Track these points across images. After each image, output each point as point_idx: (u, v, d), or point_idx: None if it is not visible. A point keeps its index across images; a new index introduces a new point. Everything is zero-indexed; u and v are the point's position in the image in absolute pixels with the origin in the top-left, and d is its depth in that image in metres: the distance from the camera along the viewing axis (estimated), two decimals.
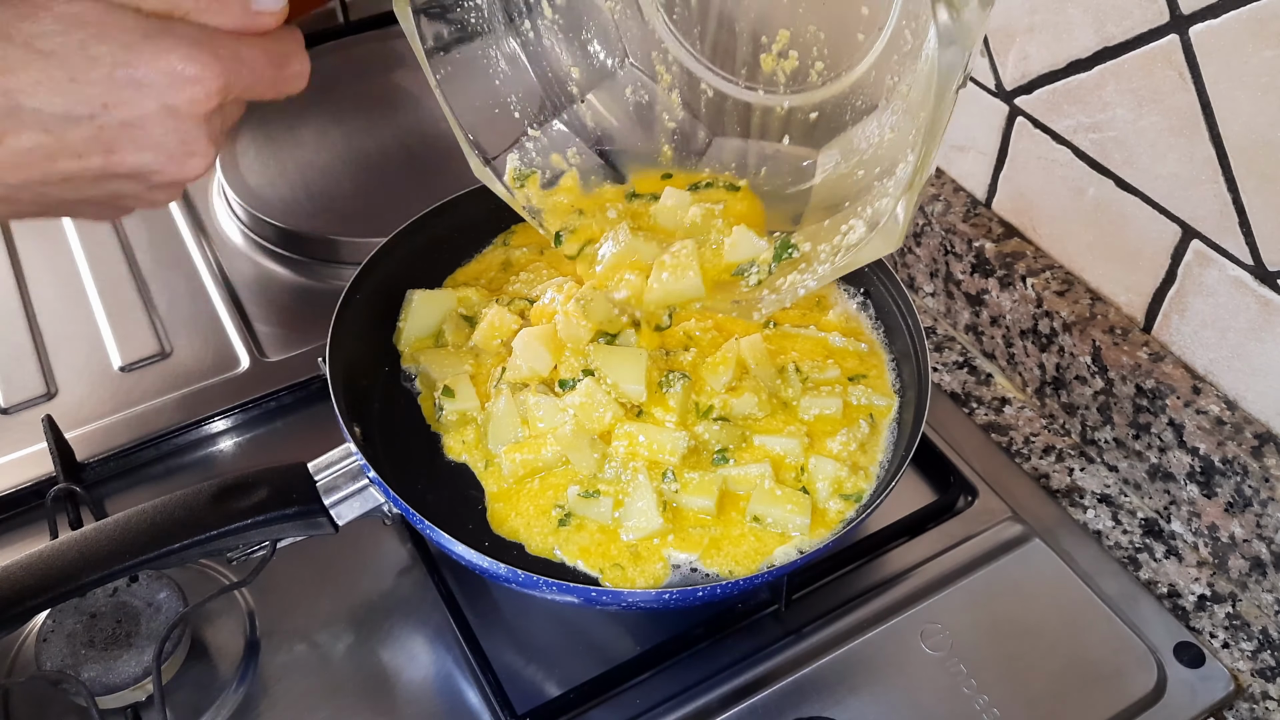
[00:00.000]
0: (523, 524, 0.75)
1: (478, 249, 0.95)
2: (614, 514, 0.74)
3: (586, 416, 0.76)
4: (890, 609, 0.78)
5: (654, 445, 0.76)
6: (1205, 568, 0.84)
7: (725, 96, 0.83)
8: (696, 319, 0.86)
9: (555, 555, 0.74)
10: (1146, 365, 0.84)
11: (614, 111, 0.87)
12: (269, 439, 0.92)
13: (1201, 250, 0.80)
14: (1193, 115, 0.77)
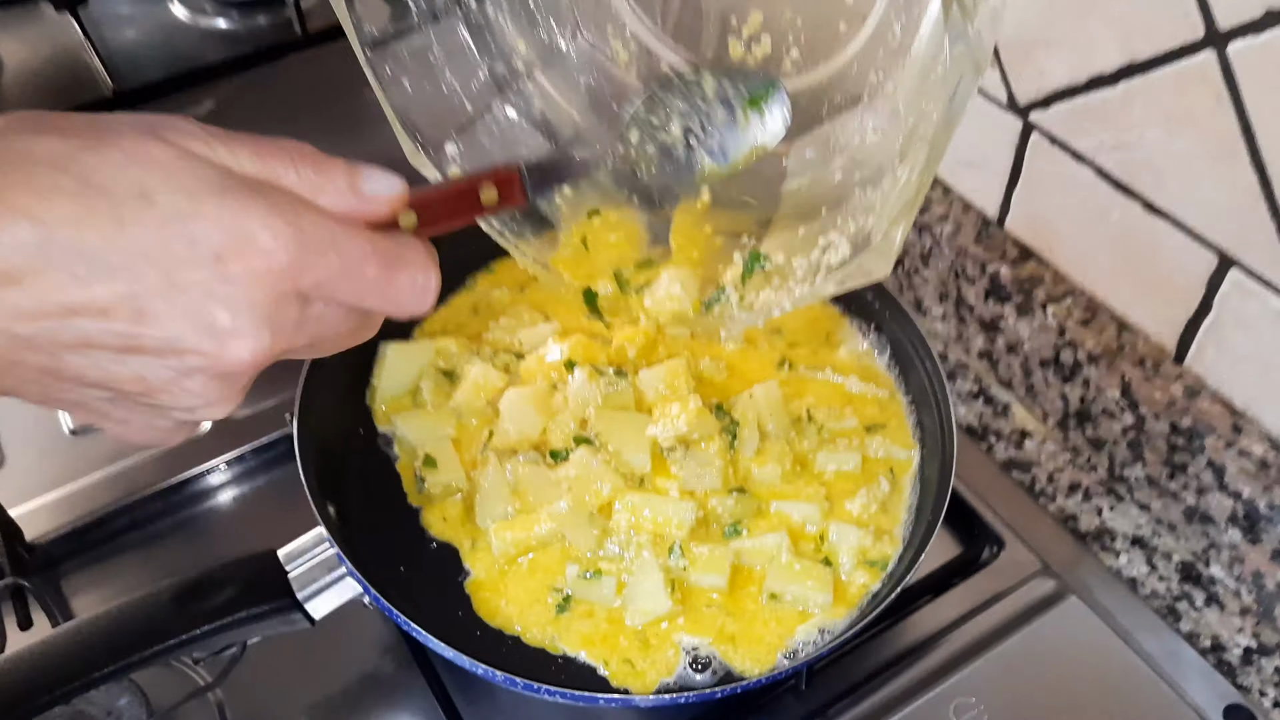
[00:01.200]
0: (516, 612, 0.69)
1: (456, 289, 0.88)
2: (618, 597, 0.68)
3: (584, 489, 0.70)
4: (920, 683, 0.72)
5: (659, 518, 0.69)
6: (1249, 616, 0.78)
7: None
8: (711, 357, 0.80)
9: (555, 646, 0.68)
10: (1182, 402, 0.78)
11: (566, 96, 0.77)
12: (237, 508, 0.85)
13: (1241, 280, 0.74)
14: (1232, 138, 0.70)
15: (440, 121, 0.68)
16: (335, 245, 0.44)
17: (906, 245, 0.97)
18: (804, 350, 0.83)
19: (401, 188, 0.48)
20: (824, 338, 0.84)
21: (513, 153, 0.70)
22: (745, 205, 0.69)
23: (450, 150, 0.67)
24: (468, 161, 0.69)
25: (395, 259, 0.46)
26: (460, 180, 0.53)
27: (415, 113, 0.67)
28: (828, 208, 0.64)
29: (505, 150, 0.70)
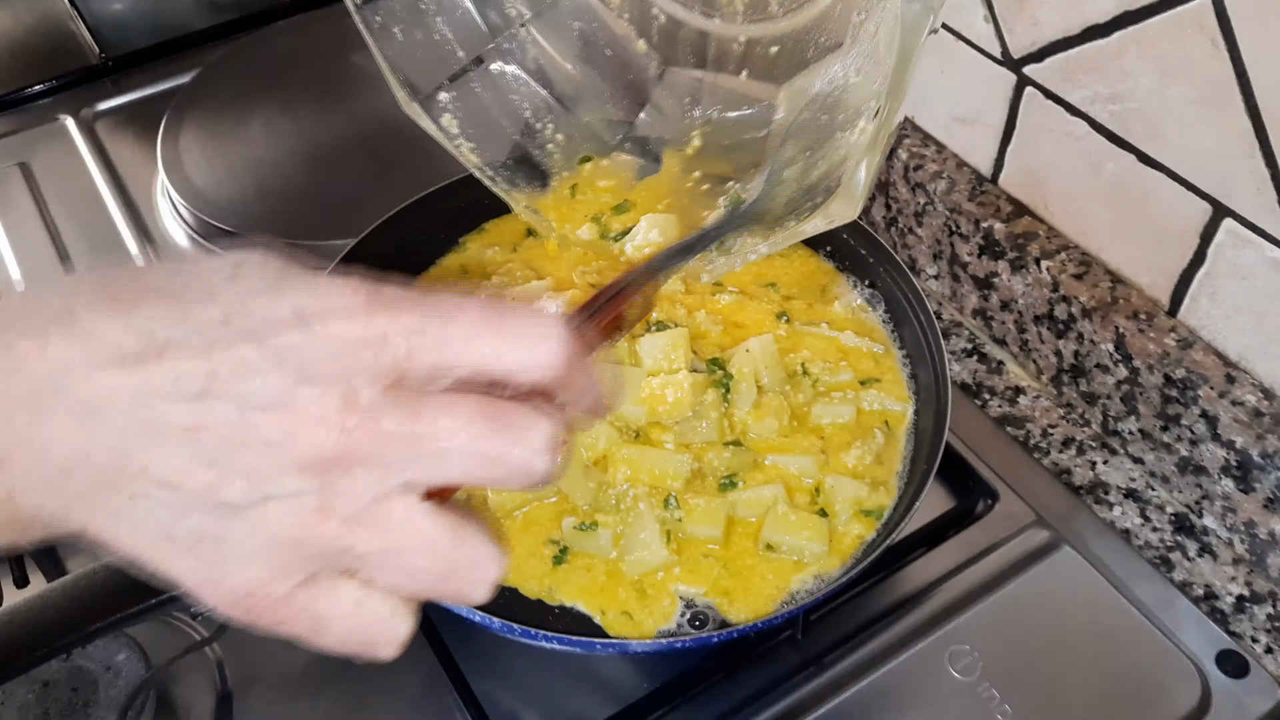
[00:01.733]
0: (513, 564, 0.69)
1: (448, 251, 0.87)
2: (614, 548, 0.68)
3: (579, 443, 0.70)
4: (914, 632, 0.73)
5: (655, 470, 0.69)
6: (1242, 565, 0.79)
7: (679, 24, 0.73)
8: (706, 311, 0.80)
9: (553, 596, 0.68)
10: (1175, 353, 0.78)
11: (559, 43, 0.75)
12: None
13: (1235, 229, 0.74)
14: (1226, 84, 0.70)
15: (433, 70, 0.68)
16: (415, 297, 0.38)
17: (900, 204, 0.97)
18: (800, 304, 0.83)
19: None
20: (819, 292, 0.84)
21: (507, 102, 0.70)
22: (734, 150, 0.68)
23: (444, 98, 0.67)
24: (461, 113, 0.68)
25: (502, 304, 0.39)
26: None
27: (407, 62, 0.66)
28: (811, 151, 0.64)
29: (499, 100, 0.70)
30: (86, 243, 1.02)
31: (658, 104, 0.74)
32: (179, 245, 1.02)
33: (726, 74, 0.73)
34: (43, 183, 1.08)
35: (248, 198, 1.01)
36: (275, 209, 1.00)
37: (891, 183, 0.97)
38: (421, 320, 0.37)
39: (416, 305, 0.38)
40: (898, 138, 0.96)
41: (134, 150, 1.11)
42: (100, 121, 1.14)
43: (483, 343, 0.38)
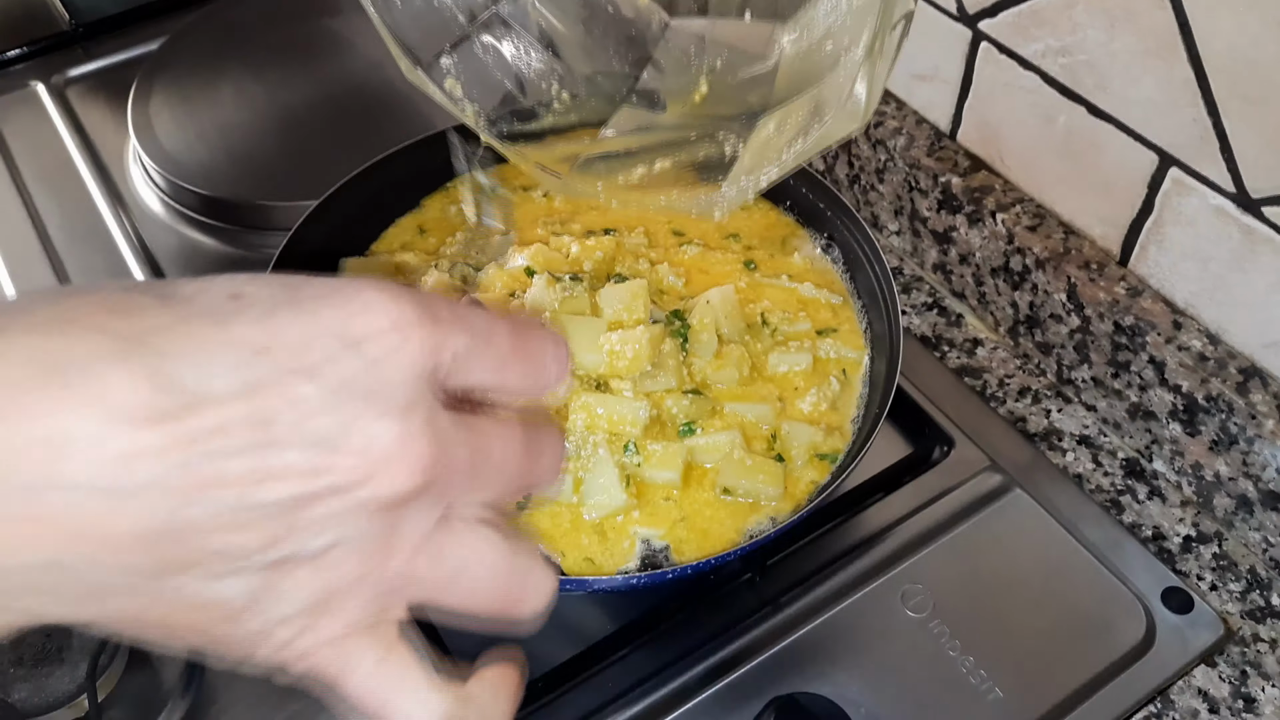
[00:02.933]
0: None
1: (414, 207, 0.89)
2: (575, 494, 0.70)
3: None
4: (869, 572, 0.75)
5: (614, 417, 0.71)
6: (1189, 507, 0.81)
7: None
8: (670, 264, 0.81)
9: None
10: (1125, 301, 0.80)
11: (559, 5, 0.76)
12: None
13: (1180, 178, 0.76)
14: (1170, 35, 0.72)
15: (434, 37, 0.68)
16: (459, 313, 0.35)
17: (862, 162, 0.99)
18: (761, 254, 0.84)
19: None
20: (780, 243, 0.85)
21: (509, 64, 0.70)
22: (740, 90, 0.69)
23: (446, 63, 0.67)
24: (464, 76, 0.69)
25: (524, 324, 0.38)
26: None
27: (408, 30, 0.67)
28: (817, 81, 0.65)
29: (501, 62, 0.70)
30: (59, 209, 1.03)
31: (661, 59, 0.75)
32: (152, 210, 1.03)
33: (729, 19, 0.74)
34: (14, 149, 1.09)
35: (218, 161, 1.02)
36: (246, 171, 1.01)
37: (854, 141, 0.99)
38: (468, 343, 0.35)
39: (464, 325, 0.35)
40: None
41: (105, 116, 1.12)
42: (71, 88, 1.15)
43: (513, 368, 0.37)
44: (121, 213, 1.03)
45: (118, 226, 1.01)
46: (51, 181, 1.06)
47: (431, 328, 0.33)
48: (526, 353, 0.37)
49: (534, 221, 0.86)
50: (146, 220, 1.02)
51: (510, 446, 0.37)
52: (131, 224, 1.02)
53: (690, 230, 0.86)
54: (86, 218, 1.03)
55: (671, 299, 0.80)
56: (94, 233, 1.01)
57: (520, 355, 0.37)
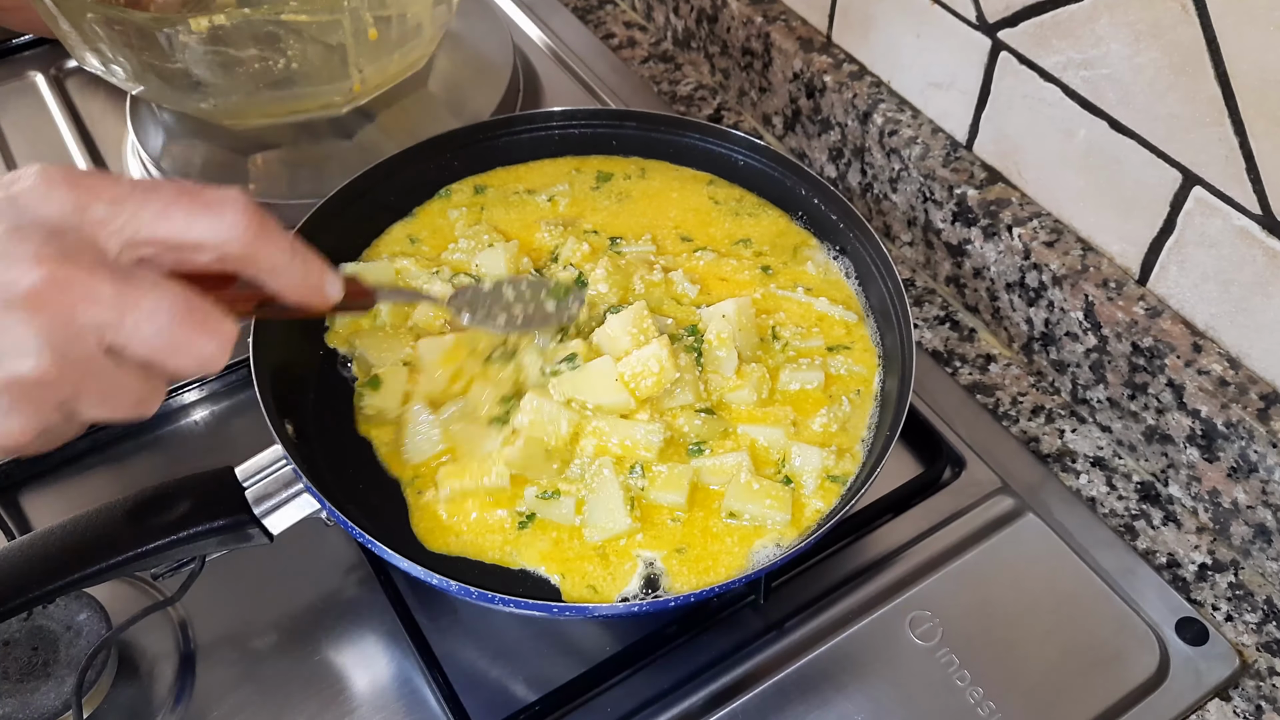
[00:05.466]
0: (470, 541, 0.68)
1: (407, 215, 0.86)
2: (577, 515, 0.68)
3: (541, 432, 0.69)
4: (876, 597, 0.73)
5: (626, 442, 0.69)
6: (1205, 534, 0.79)
7: None
8: (685, 270, 0.79)
9: (514, 561, 0.68)
10: (1143, 322, 0.78)
11: None
12: (199, 429, 0.85)
13: (1204, 198, 0.74)
14: (1197, 51, 0.70)
15: None
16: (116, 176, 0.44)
17: (875, 170, 0.97)
18: (773, 260, 0.82)
19: None
20: (791, 251, 0.83)
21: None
22: None
23: None
24: None
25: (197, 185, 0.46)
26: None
27: None
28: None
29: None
30: None
31: None
32: None
33: None
34: (12, 140, 1.07)
35: (218, 157, 1.00)
36: (245, 168, 0.99)
37: (867, 148, 0.96)
38: (125, 191, 0.42)
39: (118, 181, 0.42)
40: (873, 103, 0.95)
41: (104, 109, 1.09)
42: (71, 79, 1.13)
43: (176, 212, 0.43)
44: None
45: None
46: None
47: (79, 178, 0.41)
48: (193, 196, 0.43)
49: (534, 224, 0.84)
50: None
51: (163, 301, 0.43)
52: None
53: (698, 236, 0.84)
54: None
55: (685, 310, 0.78)
56: None
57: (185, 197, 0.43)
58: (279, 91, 0.90)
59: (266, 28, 0.85)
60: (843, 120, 0.98)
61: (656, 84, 1.15)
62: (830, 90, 0.98)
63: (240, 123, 0.97)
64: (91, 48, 0.86)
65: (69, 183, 0.41)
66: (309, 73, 0.89)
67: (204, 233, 0.44)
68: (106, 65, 0.88)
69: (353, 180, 0.82)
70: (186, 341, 0.44)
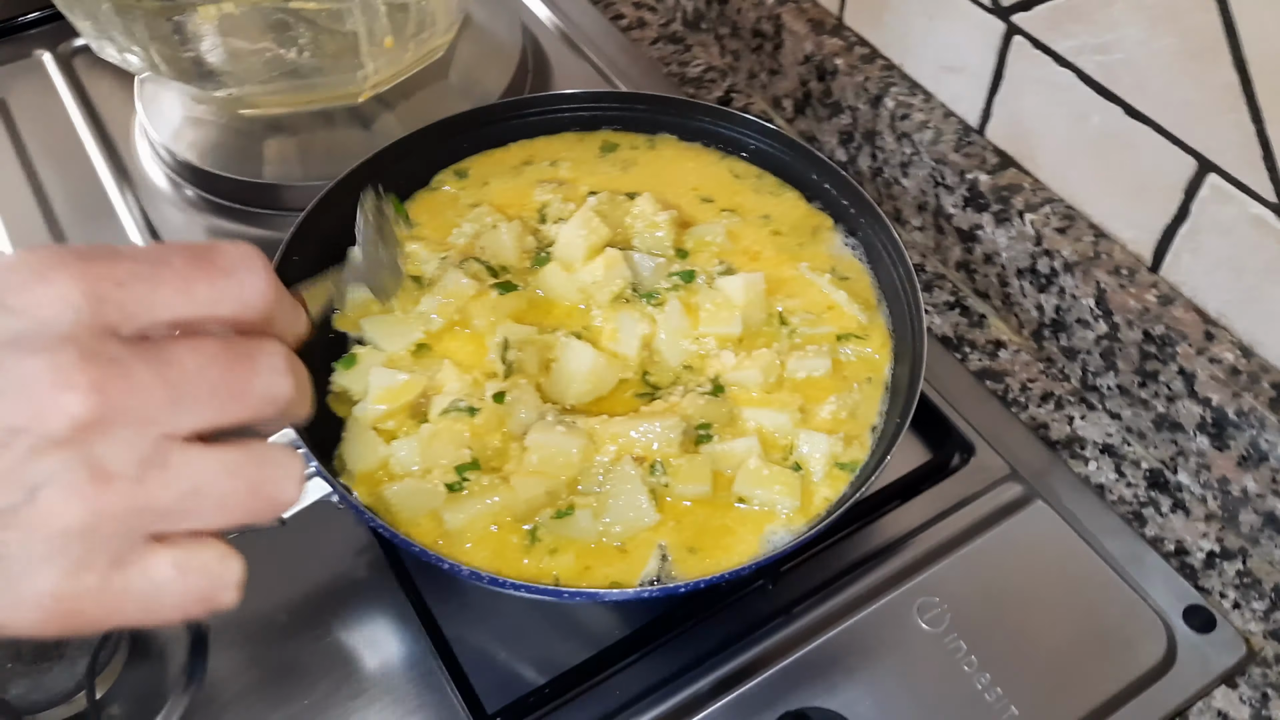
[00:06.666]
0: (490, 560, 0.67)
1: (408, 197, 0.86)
2: (597, 522, 0.67)
3: (551, 467, 0.68)
4: (884, 583, 0.73)
5: (647, 439, 0.68)
6: (1214, 522, 0.79)
7: None
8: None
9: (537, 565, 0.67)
10: (1155, 309, 0.78)
11: None
12: None
13: (1219, 185, 0.73)
14: (1214, 36, 0.69)
15: None
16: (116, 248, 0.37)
17: (886, 154, 0.96)
18: (790, 240, 0.82)
19: None
20: (810, 232, 0.83)
21: None
22: None
23: None
24: None
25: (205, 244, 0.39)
26: None
27: None
28: None
29: None
30: (63, 182, 1.01)
31: None
32: (158, 186, 1.01)
33: None
34: (19, 120, 1.07)
35: (227, 138, 1.00)
36: (258, 152, 0.99)
37: (878, 132, 0.96)
38: (130, 271, 0.35)
39: (118, 255, 0.36)
40: (884, 86, 0.95)
41: (112, 88, 1.09)
42: (78, 58, 1.12)
43: (198, 283, 0.37)
44: (127, 188, 1.00)
45: (122, 202, 0.99)
46: (56, 154, 1.04)
47: (77, 264, 0.34)
48: (210, 263, 0.37)
49: (531, 189, 0.84)
50: (152, 196, 1.00)
51: (204, 356, 0.36)
52: (137, 200, 0.99)
53: (721, 197, 0.85)
54: (91, 192, 1.00)
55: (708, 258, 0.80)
56: (99, 207, 0.99)
57: (202, 267, 0.37)
58: (294, 81, 0.89)
59: (276, 15, 0.84)
60: (854, 104, 0.98)
61: (666, 65, 1.15)
62: (841, 73, 0.98)
63: (257, 111, 0.97)
64: (106, 37, 0.86)
65: (70, 274, 0.34)
66: (323, 62, 0.88)
67: (230, 308, 0.38)
68: (122, 54, 0.88)
69: (357, 166, 0.81)
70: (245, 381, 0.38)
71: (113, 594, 0.35)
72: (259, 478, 0.38)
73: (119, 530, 0.35)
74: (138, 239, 0.96)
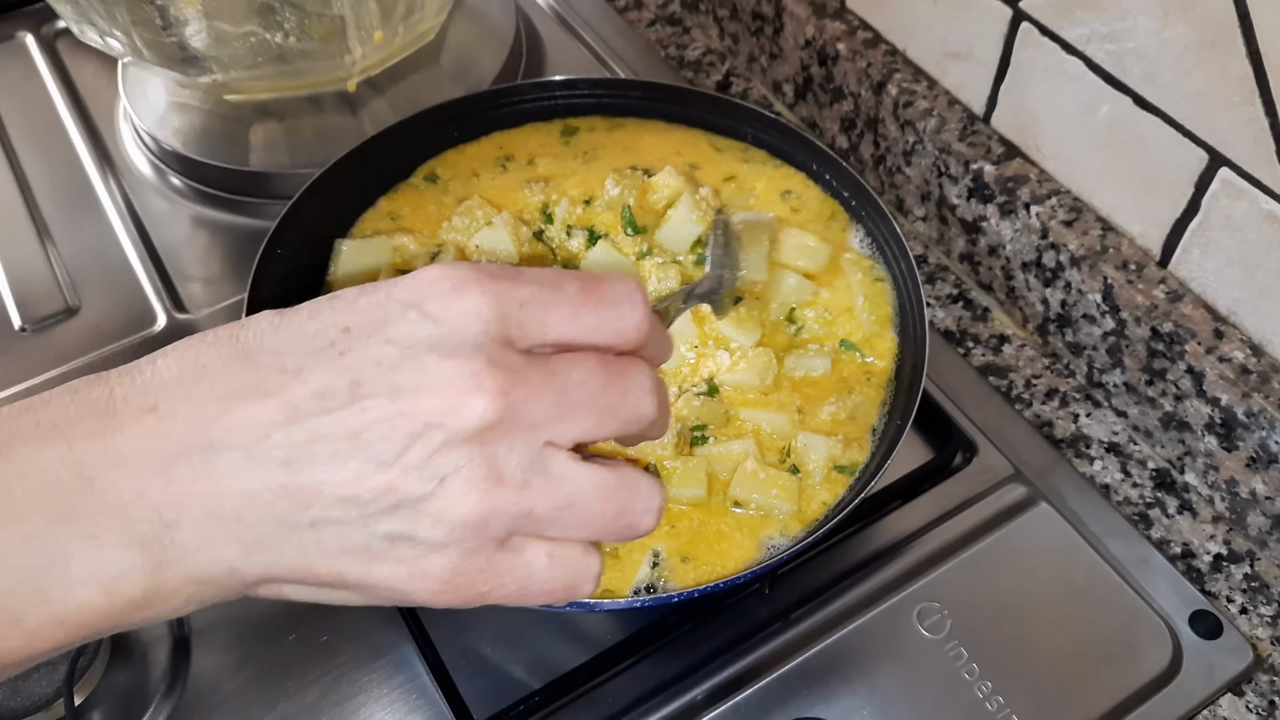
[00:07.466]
0: None
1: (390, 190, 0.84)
2: None
3: None
4: (884, 588, 0.71)
5: (642, 446, 0.67)
6: (1221, 524, 0.77)
7: None
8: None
9: None
10: (1164, 306, 0.76)
11: None
12: None
13: (1230, 179, 0.71)
14: (1228, 26, 0.67)
15: None
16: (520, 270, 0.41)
17: (889, 142, 0.94)
18: (813, 223, 0.81)
19: None
20: (829, 216, 0.81)
21: None
22: None
23: None
24: None
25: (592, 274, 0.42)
26: None
27: None
28: None
29: None
30: (45, 168, 0.99)
31: None
32: (142, 172, 0.98)
33: None
34: (0, 103, 1.04)
35: (213, 124, 0.97)
36: (241, 135, 0.96)
37: (881, 119, 0.93)
38: (531, 293, 0.39)
39: (526, 278, 0.40)
40: (887, 72, 0.92)
41: (96, 71, 1.06)
42: (61, 40, 1.10)
43: (586, 315, 0.41)
44: (110, 175, 0.98)
45: (105, 190, 0.97)
46: (38, 139, 1.02)
47: (489, 283, 0.38)
48: (598, 295, 0.41)
49: (516, 189, 0.82)
50: (136, 184, 0.98)
51: (587, 371, 0.40)
52: (120, 187, 0.97)
53: (743, 175, 0.84)
54: (74, 178, 0.98)
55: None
56: (82, 194, 0.97)
57: (591, 297, 0.41)
58: (280, 66, 0.87)
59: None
60: (856, 90, 0.95)
61: (664, 48, 1.12)
62: (843, 58, 0.95)
63: (243, 97, 0.94)
64: (87, 21, 0.84)
65: (483, 290, 0.38)
66: (310, 47, 0.86)
67: (609, 336, 0.42)
68: (104, 39, 0.85)
69: (346, 153, 0.79)
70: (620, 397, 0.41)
71: (495, 576, 0.40)
72: (626, 503, 0.42)
73: (503, 527, 0.39)
74: (121, 227, 0.93)
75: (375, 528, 0.38)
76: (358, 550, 0.39)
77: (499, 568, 0.40)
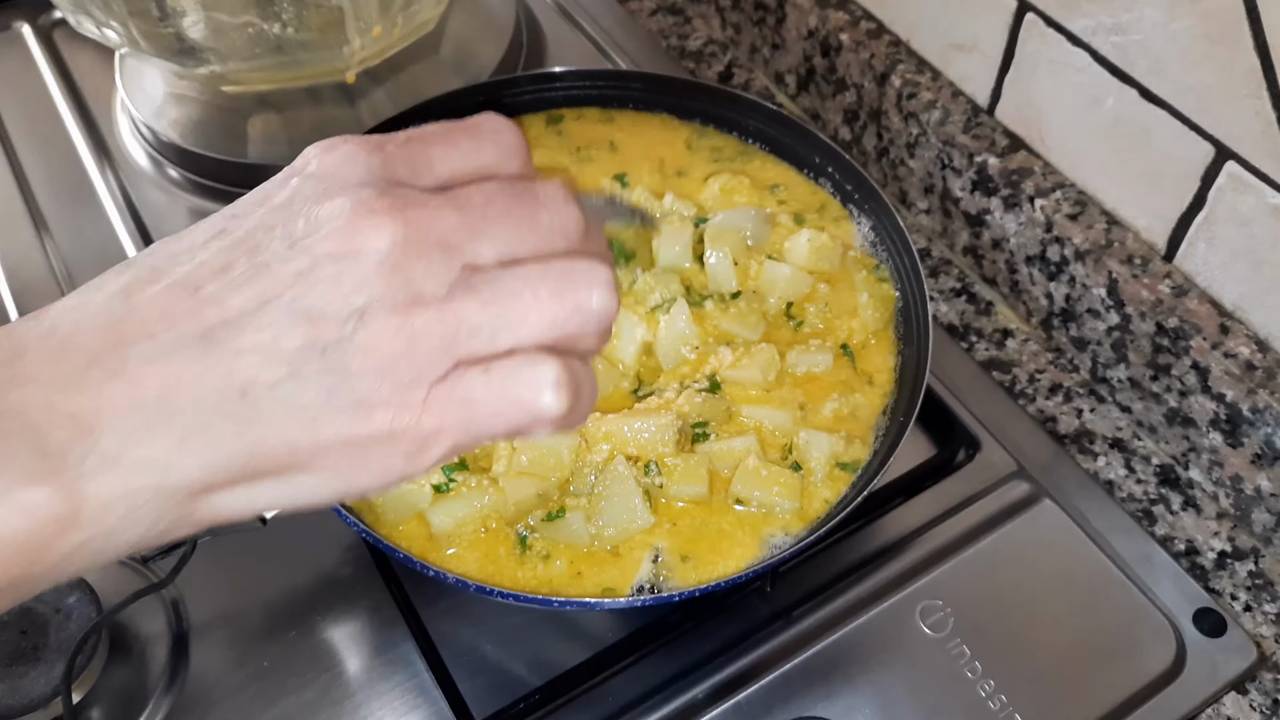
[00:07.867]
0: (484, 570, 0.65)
1: None
2: (589, 524, 0.65)
3: (542, 469, 0.66)
4: (886, 586, 0.71)
5: (641, 438, 0.66)
6: (1225, 520, 0.77)
7: None
8: None
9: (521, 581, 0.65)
10: (1169, 300, 0.75)
11: None
12: None
13: (1237, 173, 0.70)
14: (1235, 19, 0.66)
15: None
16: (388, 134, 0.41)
17: (892, 134, 0.93)
18: (811, 215, 0.80)
19: None
20: (820, 207, 0.80)
21: None
22: None
23: None
24: None
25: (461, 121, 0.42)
26: None
27: None
28: None
29: None
30: (42, 159, 0.98)
31: None
32: (139, 165, 0.98)
33: None
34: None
35: (211, 115, 0.97)
36: (240, 127, 0.96)
37: (884, 111, 0.93)
38: (404, 137, 0.40)
39: (387, 136, 0.40)
40: (891, 63, 0.91)
41: (93, 62, 1.06)
42: (58, 30, 1.09)
43: (463, 136, 0.41)
44: (107, 167, 0.97)
45: (102, 181, 0.96)
46: (35, 129, 1.01)
47: (358, 138, 0.39)
48: (468, 123, 0.42)
49: None
50: (134, 176, 0.97)
51: (489, 191, 0.39)
52: (118, 179, 0.96)
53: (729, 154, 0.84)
54: (71, 170, 0.97)
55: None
56: (79, 186, 0.96)
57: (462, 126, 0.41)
58: (278, 57, 0.86)
59: None
60: (859, 81, 0.94)
61: (665, 38, 1.11)
62: (846, 49, 0.94)
63: (241, 88, 0.93)
64: (84, 11, 0.83)
65: (356, 141, 0.39)
66: (308, 37, 0.85)
67: (492, 154, 0.41)
68: (100, 29, 0.85)
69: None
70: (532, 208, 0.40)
71: (437, 409, 0.38)
72: (565, 283, 0.39)
73: (437, 348, 0.37)
74: (119, 220, 0.93)
75: (307, 382, 0.36)
76: (295, 412, 0.37)
77: (438, 400, 0.37)
